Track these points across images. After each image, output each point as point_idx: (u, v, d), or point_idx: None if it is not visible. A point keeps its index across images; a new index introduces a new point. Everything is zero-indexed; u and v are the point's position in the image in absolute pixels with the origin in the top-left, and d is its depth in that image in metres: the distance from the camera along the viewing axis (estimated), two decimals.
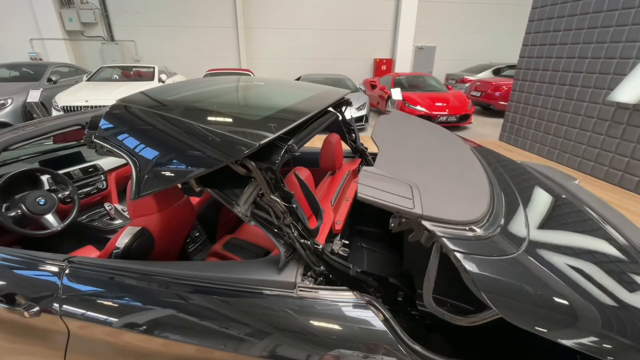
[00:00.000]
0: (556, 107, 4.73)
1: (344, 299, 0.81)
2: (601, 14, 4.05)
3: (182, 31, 10.76)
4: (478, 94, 8.27)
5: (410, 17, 11.06)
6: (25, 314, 0.95)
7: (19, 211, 1.57)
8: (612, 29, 3.94)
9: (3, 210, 1.54)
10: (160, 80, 6.72)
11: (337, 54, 11.56)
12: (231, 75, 1.63)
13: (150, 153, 0.84)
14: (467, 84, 9.14)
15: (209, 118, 0.93)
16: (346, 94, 1.59)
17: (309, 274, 0.89)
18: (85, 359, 0.97)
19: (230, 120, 0.95)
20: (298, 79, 7.18)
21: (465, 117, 6.76)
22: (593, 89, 4.18)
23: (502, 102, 7.53)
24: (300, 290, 0.83)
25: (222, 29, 10.83)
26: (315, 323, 0.79)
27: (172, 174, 0.79)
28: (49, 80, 6.48)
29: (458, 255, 0.72)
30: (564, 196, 1.29)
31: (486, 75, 9.38)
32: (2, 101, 5.61)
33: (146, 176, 0.80)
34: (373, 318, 0.78)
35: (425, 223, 0.77)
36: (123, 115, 0.95)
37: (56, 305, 0.95)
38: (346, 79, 7.55)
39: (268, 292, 0.84)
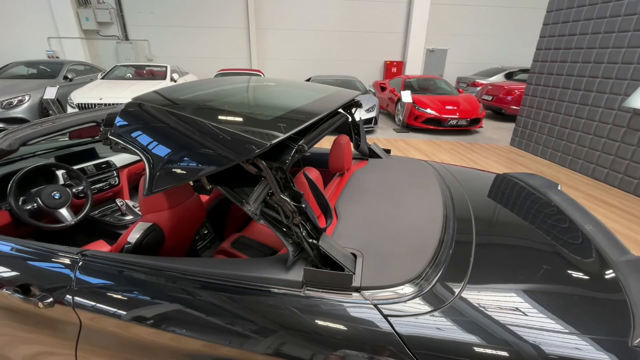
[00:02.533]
0: (570, 113, 4.65)
1: (350, 300, 0.82)
2: (618, 18, 3.97)
3: (195, 31, 10.91)
4: (489, 98, 8.17)
5: (421, 20, 11.00)
6: (40, 304, 0.97)
7: (34, 204, 1.61)
8: (629, 34, 3.85)
9: (20, 204, 1.58)
10: (172, 79, 6.82)
11: (347, 55, 11.56)
12: (242, 75, 1.63)
13: (163, 150, 0.85)
14: (479, 88, 9.04)
15: (221, 117, 0.93)
16: (356, 95, 1.59)
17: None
18: (95, 350, 0.99)
19: (241, 119, 0.95)
20: (308, 80, 7.20)
21: (475, 121, 6.69)
22: (609, 94, 4.10)
23: (514, 107, 7.42)
24: (308, 290, 0.84)
25: (234, 30, 10.95)
26: (321, 322, 0.80)
27: (185, 172, 0.80)
28: (65, 77, 6.64)
29: (391, 319, 0.77)
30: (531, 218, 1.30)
31: (498, 79, 9.27)
32: (20, 97, 5.77)
33: (159, 173, 0.81)
34: (380, 319, 0.78)
35: (363, 293, 0.83)
36: (137, 113, 0.97)
37: (69, 297, 0.97)
38: (356, 81, 7.55)
39: (275, 290, 0.85)
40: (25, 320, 1.08)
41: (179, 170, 0.80)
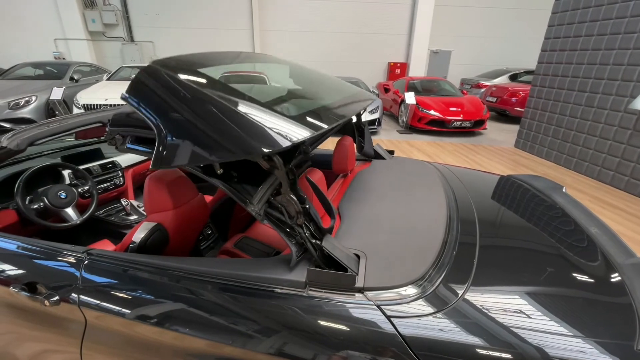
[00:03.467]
0: (575, 114, 4.61)
1: (353, 300, 0.82)
2: (625, 20, 3.94)
3: (199, 33, 10.98)
4: (494, 100, 8.13)
5: (425, 21, 10.99)
6: (46, 302, 0.99)
7: (41, 204, 1.63)
8: (636, 35, 3.82)
9: (27, 203, 1.60)
10: None
11: (351, 57, 11.57)
12: (267, 56, 1.54)
13: (180, 125, 0.79)
14: (483, 89, 9.01)
15: (249, 103, 0.88)
16: (372, 100, 1.56)
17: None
18: (100, 348, 1.00)
19: (268, 109, 0.89)
20: None
21: (479, 123, 6.66)
22: (615, 96, 4.06)
23: (518, 109, 7.38)
24: (311, 290, 0.84)
25: (238, 31, 11.00)
26: (324, 323, 0.80)
27: (199, 153, 0.75)
28: (71, 78, 6.71)
29: (394, 320, 0.77)
30: (537, 221, 1.29)
31: (502, 80, 9.23)
32: (27, 98, 5.83)
33: (171, 147, 0.76)
34: (382, 321, 0.78)
35: (366, 293, 0.82)
36: (160, 77, 0.87)
37: (75, 295, 0.98)
38: (359, 82, 7.55)
39: (278, 290, 0.85)
40: (32, 318, 1.09)
41: (193, 149, 0.76)
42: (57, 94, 5.81)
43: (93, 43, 10.66)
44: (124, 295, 0.94)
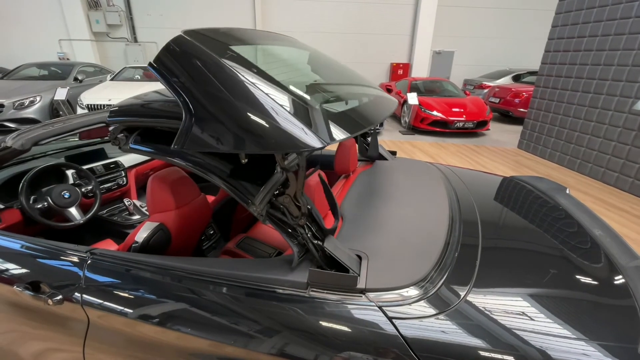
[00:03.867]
0: (579, 115, 4.59)
1: (355, 301, 0.82)
2: (629, 20, 3.92)
3: None
4: (497, 100, 8.10)
5: (428, 22, 10.97)
6: (49, 301, 0.99)
7: (45, 203, 1.64)
8: None
9: (31, 202, 1.61)
10: None
11: (353, 57, 11.56)
12: (292, 40, 1.41)
13: (214, 104, 0.74)
14: (486, 90, 8.98)
15: (288, 93, 0.82)
16: (396, 103, 1.45)
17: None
18: (103, 348, 1.01)
19: (306, 103, 0.84)
20: None
21: (482, 124, 6.64)
22: (619, 97, 4.04)
23: (521, 109, 7.35)
24: (312, 291, 0.84)
25: None
26: (326, 324, 0.80)
27: (229, 138, 0.70)
28: (75, 79, 6.76)
29: (395, 322, 0.77)
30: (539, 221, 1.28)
31: (506, 81, 9.19)
32: (31, 98, 5.88)
33: (198, 127, 0.72)
34: (384, 322, 0.78)
35: (368, 294, 0.82)
36: (196, 50, 0.81)
37: (78, 294, 0.99)
38: None
39: (280, 291, 0.85)
40: (35, 317, 1.10)
41: (222, 136, 0.71)
42: (61, 94, 5.85)
43: (97, 44, 10.72)
44: (126, 295, 0.95)
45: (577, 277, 0.96)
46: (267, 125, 0.71)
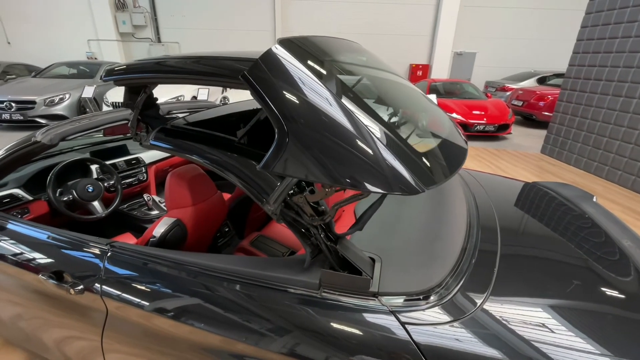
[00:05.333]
0: (609, 120, 4.38)
1: (367, 304, 0.80)
2: None
3: (223, 34, 11.23)
4: (520, 103, 7.84)
5: (450, 23, 10.75)
6: (71, 291, 1.03)
7: (70, 196, 1.71)
8: None
9: (57, 195, 1.69)
10: None
11: None
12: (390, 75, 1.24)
13: (315, 130, 0.66)
14: (508, 93, 8.71)
15: (395, 126, 0.77)
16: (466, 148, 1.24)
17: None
18: (120, 338, 1.04)
19: (405, 140, 0.77)
20: None
21: (504, 127, 6.44)
22: None
23: (546, 113, 7.09)
24: (324, 292, 0.83)
25: (260, 33, 11.17)
26: (337, 326, 0.79)
27: (326, 171, 0.64)
28: (102, 78, 7.02)
29: (408, 327, 0.74)
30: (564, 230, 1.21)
31: (530, 83, 8.88)
32: (61, 96, 6.16)
33: (292, 152, 0.66)
34: (396, 327, 0.76)
35: (381, 298, 0.80)
36: (294, 68, 0.73)
37: (97, 285, 1.02)
38: None
39: (292, 290, 0.85)
40: (58, 305, 1.14)
41: (320, 166, 0.64)
42: (88, 92, 6.10)
43: (122, 44, 11.12)
44: (143, 288, 0.97)
45: (603, 289, 0.91)
46: (373, 164, 0.65)
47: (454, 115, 6.43)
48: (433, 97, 6.51)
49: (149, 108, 1.12)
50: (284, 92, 0.70)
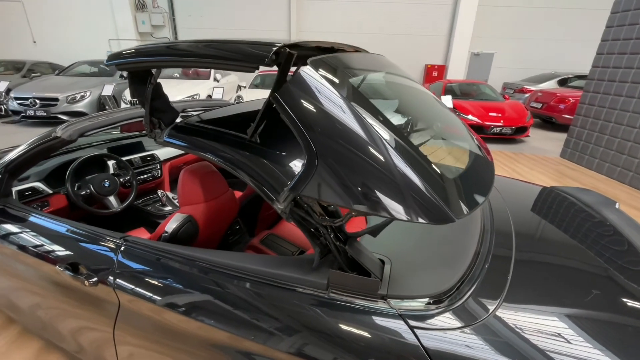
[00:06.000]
0: (634, 124, 4.20)
1: (376, 307, 0.79)
2: None
3: (239, 34, 11.35)
4: (539, 106, 7.62)
5: (467, 23, 10.55)
6: (86, 282, 1.06)
7: (87, 191, 1.76)
8: None
9: (75, 189, 1.74)
10: (215, 79, 7.15)
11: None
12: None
13: (346, 156, 0.66)
14: (527, 94, 8.47)
15: (421, 157, 0.74)
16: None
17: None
18: (131, 330, 1.06)
19: (437, 169, 0.75)
20: None
21: (522, 130, 6.28)
22: None
23: (566, 116, 6.87)
24: (332, 292, 0.83)
25: (276, 33, 11.24)
26: (345, 327, 0.78)
27: (357, 197, 0.63)
28: (121, 76, 7.22)
29: (417, 332, 0.73)
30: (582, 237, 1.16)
31: (550, 85, 8.62)
32: (82, 93, 6.37)
33: (322, 176, 0.66)
34: (405, 331, 0.75)
35: (389, 301, 0.78)
36: (327, 92, 0.72)
37: (111, 278, 1.04)
38: None
39: (300, 290, 0.85)
40: (73, 296, 1.18)
41: (351, 192, 0.64)
42: (108, 90, 6.28)
43: (142, 43, 11.39)
44: (155, 282, 0.99)
45: (624, 300, 0.87)
46: (406, 193, 0.64)
47: (470, 117, 6.30)
48: (448, 97, 6.41)
49: (157, 101, 1.10)
50: (315, 115, 0.69)
